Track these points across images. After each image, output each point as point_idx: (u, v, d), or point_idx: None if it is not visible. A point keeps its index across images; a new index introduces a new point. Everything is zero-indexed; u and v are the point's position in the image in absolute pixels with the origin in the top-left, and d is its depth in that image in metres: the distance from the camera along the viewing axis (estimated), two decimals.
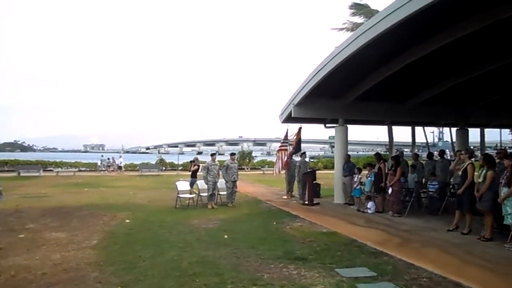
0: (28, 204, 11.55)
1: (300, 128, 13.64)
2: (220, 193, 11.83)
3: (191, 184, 12.28)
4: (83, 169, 31.18)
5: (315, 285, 4.67)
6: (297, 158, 14.13)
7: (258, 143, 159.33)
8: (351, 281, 4.81)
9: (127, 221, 8.92)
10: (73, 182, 20.38)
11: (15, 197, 12.83)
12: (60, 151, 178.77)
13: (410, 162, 11.83)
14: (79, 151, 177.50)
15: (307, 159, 14.85)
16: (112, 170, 30.54)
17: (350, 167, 11.86)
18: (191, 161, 15.05)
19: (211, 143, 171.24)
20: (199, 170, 13.17)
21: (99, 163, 30.94)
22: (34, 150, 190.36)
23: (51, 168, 30.24)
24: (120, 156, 32.53)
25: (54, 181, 21.08)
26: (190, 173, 13.82)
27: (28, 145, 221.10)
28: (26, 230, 7.85)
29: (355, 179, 11.20)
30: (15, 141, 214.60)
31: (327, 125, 13.46)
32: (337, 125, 12.62)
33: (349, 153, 12.86)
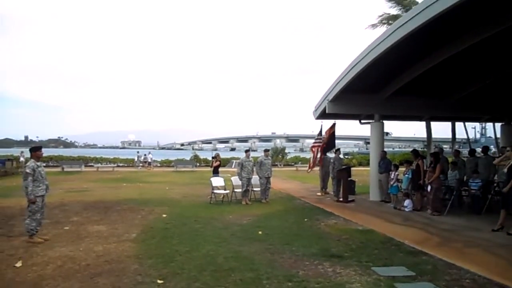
0: (71, 198, 12.14)
1: (334, 124, 13.46)
2: (254, 189, 11.90)
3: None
4: (121, 164, 32.35)
5: (351, 283, 4.60)
6: (331, 155, 13.94)
7: (291, 139, 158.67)
8: (389, 280, 4.70)
9: (164, 215, 9.15)
10: (112, 177, 21.17)
11: (59, 191, 13.51)
12: (100, 147, 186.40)
13: (449, 159, 11.37)
14: (117, 147, 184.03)
15: (341, 156, 14.60)
16: (147, 166, 31.52)
17: (387, 163, 11.56)
18: (212, 157, 15.28)
19: (244, 140, 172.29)
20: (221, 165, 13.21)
21: (136, 158, 31.99)
22: (76, 147, 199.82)
23: (92, 164, 31.62)
24: (149, 152, 33.36)
25: (95, 176, 22.01)
26: (212, 169, 13.99)
27: (71, 141, 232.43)
28: (70, 223, 8.24)
29: (392, 176, 10.90)
30: (58, 137, 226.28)
31: (362, 121, 13.19)
32: (373, 121, 12.33)
33: (384, 149, 12.54)
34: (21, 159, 27.27)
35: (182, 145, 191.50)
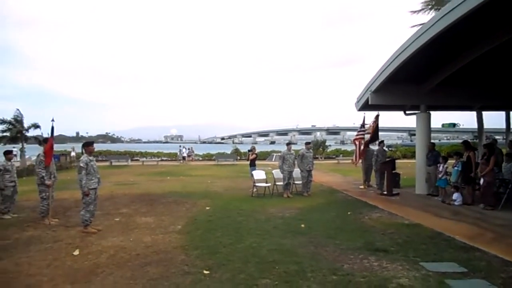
0: (120, 191, 12.73)
1: (377, 116, 13.08)
2: (296, 182, 11.86)
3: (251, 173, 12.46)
4: (164, 158, 33.40)
5: (398, 278, 4.48)
6: (374, 147, 13.58)
7: (331, 132, 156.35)
8: (439, 276, 4.53)
9: (207, 208, 9.37)
10: (156, 171, 21.94)
11: (109, 184, 14.20)
12: (144, 142, 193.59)
13: (504, 151, 10.69)
14: (160, 141, 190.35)
15: (385, 148, 14.18)
16: (190, 160, 32.34)
17: (435, 156, 11.08)
18: (249, 150, 15.33)
19: (283, 133, 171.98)
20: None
21: (178, 152, 32.97)
22: (122, 141, 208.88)
23: (137, 158, 32.91)
24: (184, 147, 34.16)
25: (140, 170, 22.91)
26: (248, 162, 14.05)
27: (117, 137, 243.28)
28: (120, 214, 8.66)
29: (440, 169, 10.43)
30: (106, 133, 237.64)
31: (407, 112, 12.70)
32: (419, 111, 11.84)
33: (431, 141, 12.02)
34: (72, 153, 28.95)
35: (223, 139, 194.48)
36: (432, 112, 12.06)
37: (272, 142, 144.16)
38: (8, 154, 8.88)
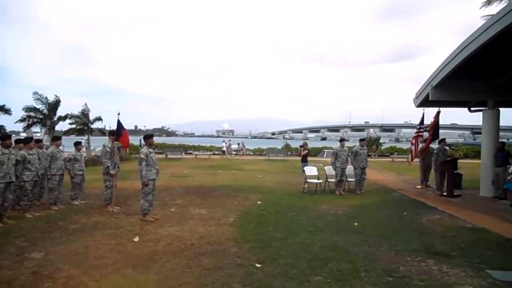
0: (175, 183, 13.25)
1: (438, 112, 12.37)
2: (348, 179, 11.60)
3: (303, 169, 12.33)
4: (216, 152, 34.19)
5: (461, 285, 4.22)
6: (433, 145, 12.87)
7: (385, 128, 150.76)
8: (507, 286, 4.20)
9: (259, 202, 9.45)
10: (209, 164, 22.53)
11: (164, 176, 14.79)
12: (197, 136, 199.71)
13: None
14: (212, 136, 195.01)
15: (446, 147, 13.38)
16: (242, 154, 32.86)
17: (505, 156, 10.28)
18: (300, 146, 15.15)
19: (335, 129, 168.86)
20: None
21: (232, 147, 33.69)
22: (177, 135, 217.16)
23: (191, 151, 33.97)
24: (224, 141, 34.70)
25: (194, 163, 23.66)
26: (300, 158, 13.90)
27: (172, 130, 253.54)
28: (175, 205, 9.01)
29: (510, 170, 9.63)
30: (162, 127, 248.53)
31: (472, 108, 11.88)
32: (485, 108, 11.02)
33: (500, 140, 11.15)
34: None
35: (273, 134, 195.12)
36: (501, 109, 11.16)
37: (323, 138, 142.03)
38: (77, 145, 9.59)
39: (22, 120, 24.69)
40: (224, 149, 32.32)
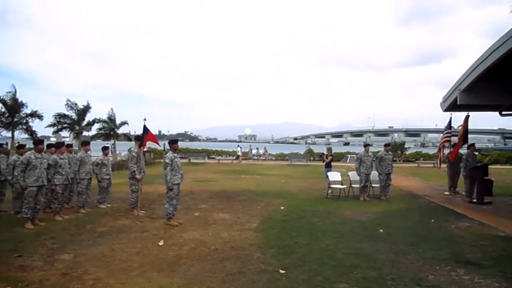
0: (198, 187, 13.38)
1: (467, 117, 11.99)
2: (373, 185, 11.40)
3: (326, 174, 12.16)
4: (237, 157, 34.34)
5: None
6: (462, 151, 12.48)
7: (410, 133, 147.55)
8: None
9: (282, 208, 9.41)
10: (231, 169, 22.63)
11: (188, 181, 14.93)
12: (220, 141, 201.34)
13: None
14: (234, 141, 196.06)
15: (475, 152, 12.95)
16: (263, 159, 32.88)
17: None
18: (323, 154, 14.95)
19: (358, 134, 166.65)
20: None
21: (253, 151, 33.89)
22: (199, 140, 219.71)
23: (213, 156, 34.26)
24: (238, 145, 35.15)
25: (217, 168, 23.83)
26: (324, 163, 13.73)
27: (195, 135, 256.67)
28: (199, 210, 9.08)
29: None
30: (185, 132, 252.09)
31: (504, 112, 11.47)
32: None
33: None
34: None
35: (295, 139, 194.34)
36: None
37: (346, 143, 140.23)
38: (105, 149, 9.84)
39: (52, 125, 25.66)
40: (239, 154, 32.68)
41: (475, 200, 10.40)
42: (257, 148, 36.38)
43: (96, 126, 27.48)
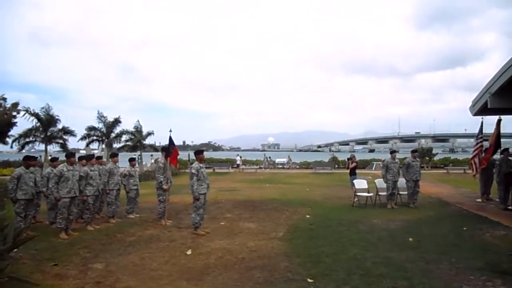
0: (223, 196, 13.48)
1: (499, 121, 11.57)
2: (400, 192, 11.16)
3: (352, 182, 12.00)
4: (262, 166, 34.40)
5: None
6: (495, 156, 12.05)
7: (438, 139, 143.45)
8: None
9: (307, 216, 9.35)
10: (255, 178, 22.68)
11: (213, 190, 15.04)
12: (243, 150, 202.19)
13: None
14: (258, 150, 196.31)
15: (510, 157, 12.45)
16: (287, 167, 32.83)
17: None
18: (348, 159, 14.73)
19: (383, 140, 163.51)
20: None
21: (277, 160, 33.96)
22: (223, 150, 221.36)
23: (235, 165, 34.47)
24: (238, 155, 35.98)
25: (241, 177, 23.93)
26: (348, 170, 13.55)
27: (218, 145, 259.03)
28: (225, 219, 9.15)
29: None
30: (209, 142, 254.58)
31: None
32: None
33: None
34: (152, 161, 31.30)
35: (319, 147, 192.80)
36: None
37: (371, 150, 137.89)
38: (132, 161, 10.11)
39: (83, 138, 26.61)
40: (239, 162, 33.21)
41: (510, 207, 9.99)
42: (270, 157, 36.85)
43: (124, 137, 28.22)
